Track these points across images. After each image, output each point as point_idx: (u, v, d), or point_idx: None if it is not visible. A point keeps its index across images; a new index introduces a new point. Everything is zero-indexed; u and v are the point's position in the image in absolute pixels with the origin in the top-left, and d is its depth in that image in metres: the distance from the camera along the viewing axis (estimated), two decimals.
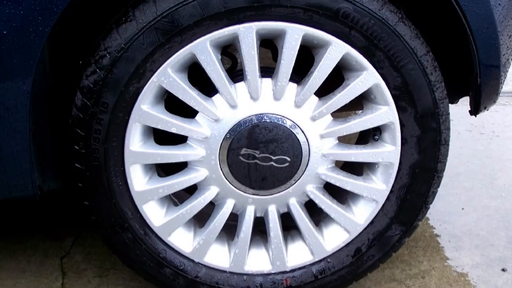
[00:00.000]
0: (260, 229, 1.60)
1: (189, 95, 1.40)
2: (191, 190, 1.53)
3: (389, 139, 1.50)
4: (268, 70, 1.48)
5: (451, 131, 1.53)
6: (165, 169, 1.63)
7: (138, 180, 1.47)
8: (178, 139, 1.45)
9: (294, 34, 1.36)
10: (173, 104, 1.45)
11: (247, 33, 1.35)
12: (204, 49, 1.36)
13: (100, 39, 1.37)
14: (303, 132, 1.44)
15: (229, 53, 1.69)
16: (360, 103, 1.53)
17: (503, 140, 2.82)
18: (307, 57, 1.46)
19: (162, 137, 1.48)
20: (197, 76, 1.47)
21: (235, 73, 1.53)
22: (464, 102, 1.78)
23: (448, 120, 1.50)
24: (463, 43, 1.46)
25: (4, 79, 1.32)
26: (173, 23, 1.32)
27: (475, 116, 1.61)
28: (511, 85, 3.44)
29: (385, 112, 1.46)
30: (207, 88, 1.45)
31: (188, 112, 1.43)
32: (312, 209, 1.58)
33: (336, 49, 1.39)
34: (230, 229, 1.60)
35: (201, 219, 1.59)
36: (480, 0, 1.38)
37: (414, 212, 1.57)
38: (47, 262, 1.84)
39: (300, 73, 1.47)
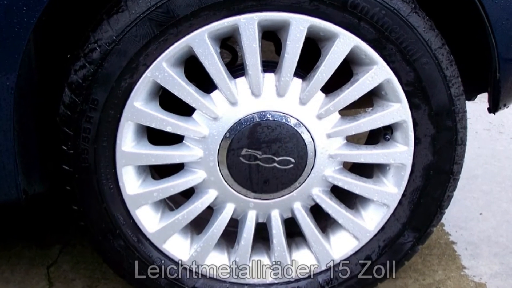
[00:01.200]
0: (262, 236, 1.60)
1: (186, 91, 1.40)
2: (187, 194, 1.53)
3: (401, 138, 1.50)
4: (270, 64, 1.48)
5: (468, 130, 1.53)
6: (160, 171, 1.63)
7: (131, 183, 1.48)
8: (174, 139, 1.45)
9: (299, 26, 1.36)
10: (169, 101, 1.45)
11: (248, 25, 1.35)
12: (201, 41, 1.36)
13: (90, 31, 1.37)
14: (308, 131, 1.44)
15: (229, 46, 1.69)
16: (370, 100, 1.53)
17: None
18: (313, 50, 1.46)
19: (157, 137, 1.49)
20: (194, 71, 1.47)
21: (235, 68, 1.53)
22: (482, 99, 1.78)
23: (465, 118, 1.50)
24: (481, 35, 1.45)
25: None
26: (168, 13, 1.32)
27: (494, 114, 1.61)
28: None
29: (397, 110, 1.46)
30: (205, 84, 1.45)
31: (184, 110, 1.43)
32: (318, 214, 1.58)
33: (344, 42, 1.39)
34: (229, 236, 1.60)
35: (198, 225, 1.59)
36: None
37: (428, 218, 1.57)
38: (33, 271, 1.84)
39: (305, 68, 1.47)
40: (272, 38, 1.60)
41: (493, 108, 1.57)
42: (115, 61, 1.35)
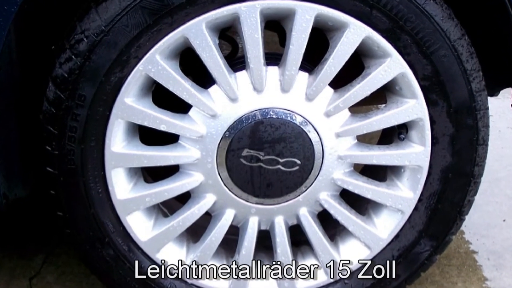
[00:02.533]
0: (265, 244, 1.60)
1: (181, 86, 1.40)
2: (183, 199, 1.53)
3: (417, 138, 1.50)
4: (274, 57, 1.48)
5: (490, 128, 1.53)
6: (153, 174, 1.64)
7: (121, 186, 1.48)
8: (168, 139, 1.45)
9: (305, 15, 1.36)
10: (163, 97, 1.45)
11: (249, 13, 1.35)
12: (198, 32, 1.36)
13: (76, 20, 1.37)
14: (315, 129, 1.44)
15: (229, 37, 1.69)
16: (383, 95, 1.53)
17: None
18: (320, 41, 1.46)
19: (150, 136, 1.49)
20: (190, 64, 1.47)
21: (236, 61, 1.54)
22: (506, 95, 1.78)
23: (486, 116, 1.50)
24: (504, 24, 1.45)
25: None
26: (162, 1, 1.32)
27: None
28: None
29: (413, 107, 1.46)
30: (203, 78, 1.45)
31: (180, 107, 1.43)
32: (326, 221, 1.58)
33: (354, 32, 1.38)
34: (229, 245, 1.60)
35: (195, 233, 1.59)
36: None
37: (447, 225, 1.57)
38: (14, 283, 1.84)
39: (312, 61, 1.47)
40: (276, 28, 1.60)
41: None
42: (104, 53, 1.35)
